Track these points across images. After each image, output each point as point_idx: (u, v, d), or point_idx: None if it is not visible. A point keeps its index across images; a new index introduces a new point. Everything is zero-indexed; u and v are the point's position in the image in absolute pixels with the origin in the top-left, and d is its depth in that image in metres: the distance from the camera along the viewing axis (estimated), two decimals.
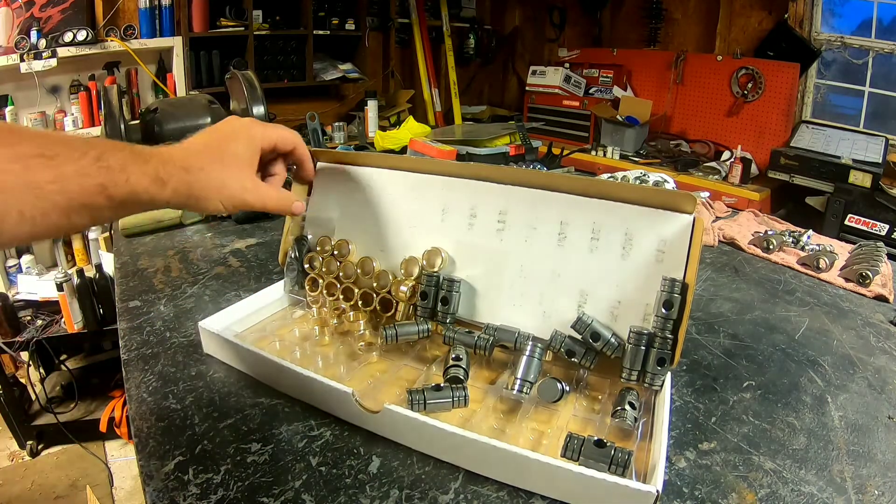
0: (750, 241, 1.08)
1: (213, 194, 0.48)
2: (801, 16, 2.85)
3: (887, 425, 0.57)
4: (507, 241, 0.61)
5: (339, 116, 3.41)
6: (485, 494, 0.45)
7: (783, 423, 0.56)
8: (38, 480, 1.90)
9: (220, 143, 0.50)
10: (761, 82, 2.92)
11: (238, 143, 0.51)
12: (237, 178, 0.50)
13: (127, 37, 2.43)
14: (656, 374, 0.52)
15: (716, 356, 0.68)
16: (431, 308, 0.62)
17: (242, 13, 2.84)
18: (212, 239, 1.01)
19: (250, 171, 0.52)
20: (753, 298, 0.85)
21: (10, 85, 2.30)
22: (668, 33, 3.46)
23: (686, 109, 3.29)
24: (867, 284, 0.90)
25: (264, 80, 2.94)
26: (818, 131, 2.82)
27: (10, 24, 2.26)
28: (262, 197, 0.52)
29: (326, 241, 0.70)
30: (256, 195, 0.52)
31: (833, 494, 0.46)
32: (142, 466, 0.47)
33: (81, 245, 2.64)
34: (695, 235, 0.53)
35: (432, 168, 0.66)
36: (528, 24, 4.22)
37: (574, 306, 0.58)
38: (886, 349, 0.72)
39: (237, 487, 0.44)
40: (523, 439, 0.50)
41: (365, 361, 0.61)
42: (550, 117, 3.48)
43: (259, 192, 0.52)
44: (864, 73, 2.79)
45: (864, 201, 2.47)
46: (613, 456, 0.43)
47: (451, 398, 0.50)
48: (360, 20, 3.36)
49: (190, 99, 1.65)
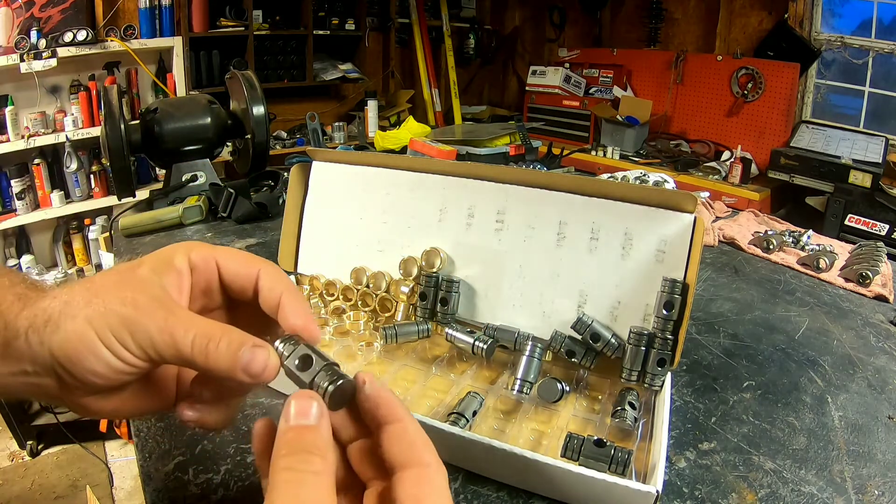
0: (750, 241, 1.08)
1: (77, 324, 0.28)
2: (801, 16, 2.85)
3: (887, 425, 0.57)
4: (506, 241, 0.61)
5: (339, 116, 3.41)
6: (485, 494, 0.45)
7: (783, 423, 0.56)
8: (38, 480, 1.90)
9: (121, 267, 0.32)
10: (761, 82, 2.92)
11: (142, 266, 0.32)
12: (118, 298, 0.29)
13: (127, 37, 2.43)
14: (656, 374, 0.52)
15: (716, 356, 0.68)
16: (431, 308, 0.62)
17: (242, 13, 2.84)
18: (212, 239, 1.01)
19: (153, 296, 0.30)
20: (753, 298, 0.85)
21: (10, 85, 2.30)
22: (668, 33, 3.46)
23: (686, 109, 3.29)
24: (867, 284, 0.90)
25: (264, 80, 2.94)
26: (818, 131, 2.82)
27: (10, 24, 2.26)
28: (171, 329, 0.29)
29: (317, 284, 0.69)
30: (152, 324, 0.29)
31: (833, 494, 0.46)
32: (142, 466, 0.47)
33: (81, 245, 2.64)
34: (695, 235, 0.53)
35: (430, 167, 0.66)
36: (528, 24, 4.22)
37: (574, 306, 0.58)
38: (886, 349, 0.72)
39: (237, 487, 0.44)
40: (523, 439, 0.50)
41: (365, 361, 0.61)
42: (550, 117, 3.48)
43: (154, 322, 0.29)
44: (864, 73, 2.79)
45: (864, 201, 2.47)
46: (613, 456, 0.43)
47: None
48: (360, 20, 3.36)
49: (190, 99, 1.65)
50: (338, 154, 0.71)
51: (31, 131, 2.33)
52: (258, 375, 0.30)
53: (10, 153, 2.31)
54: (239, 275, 0.34)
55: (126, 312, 0.29)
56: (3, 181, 2.38)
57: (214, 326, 0.30)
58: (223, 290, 0.35)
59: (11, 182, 2.36)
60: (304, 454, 0.27)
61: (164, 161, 1.18)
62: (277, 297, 0.33)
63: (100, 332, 0.28)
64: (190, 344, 0.29)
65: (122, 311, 0.29)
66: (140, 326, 0.29)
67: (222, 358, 0.29)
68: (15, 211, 2.41)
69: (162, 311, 0.29)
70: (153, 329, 0.29)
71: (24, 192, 2.39)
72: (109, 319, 0.28)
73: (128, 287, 0.30)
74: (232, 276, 0.34)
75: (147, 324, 0.29)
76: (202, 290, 0.34)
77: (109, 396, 0.31)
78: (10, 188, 2.37)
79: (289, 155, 1.63)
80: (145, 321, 0.29)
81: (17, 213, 2.41)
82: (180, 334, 0.29)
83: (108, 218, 2.55)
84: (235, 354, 0.29)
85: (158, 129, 1.12)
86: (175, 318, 0.29)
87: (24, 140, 2.30)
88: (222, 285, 0.35)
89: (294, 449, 0.27)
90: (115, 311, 0.29)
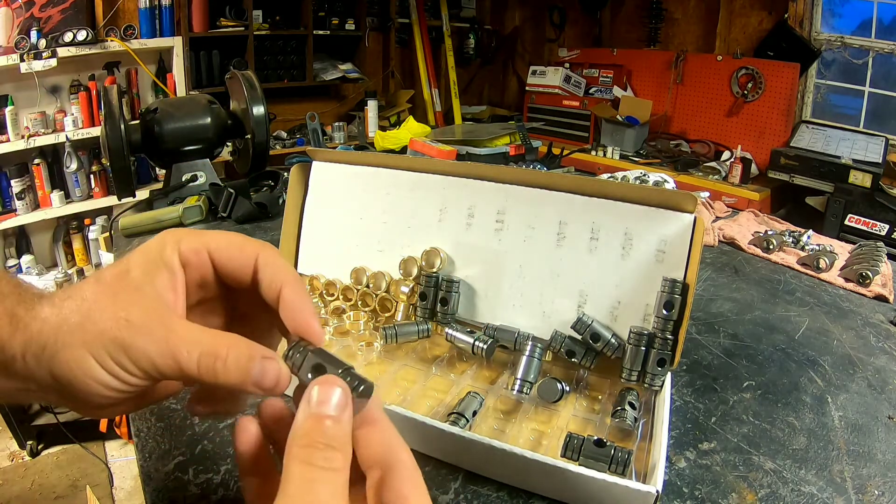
0: (750, 241, 1.08)
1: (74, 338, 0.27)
2: (801, 16, 2.85)
3: (887, 425, 0.57)
4: (506, 241, 0.61)
5: (339, 116, 3.41)
6: (485, 494, 0.45)
7: (783, 423, 0.56)
8: (38, 480, 1.90)
9: (110, 273, 0.30)
10: (761, 82, 2.92)
11: (133, 270, 0.30)
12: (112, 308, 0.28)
13: (127, 37, 2.43)
14: (656, 374, 0.52)
15: (716, 356, 0.68)
16: (431, 309, 0.62)
17: (242, 13, 2.84)
18: None
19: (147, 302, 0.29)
20: (753, 298, 0.85)
21: (10, 85, 2.30)
22: (668, 33, 3.46)
23: (686, 109, 3.29)
24: (867, 284, 0.90)
25: (264, 80, 2.94)
26: (818, 131, 2.82)
27: (10, 24, 2.26)
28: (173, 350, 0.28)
29: (317, 284, 0.69)
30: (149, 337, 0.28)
31: (833, 494, 0.46)
32: (142, 466, 0.47)
33: (81, 245, 2.64)
34: (695, 235, 0.53)
35: (430, 167, 0.66)
36: (528, 24, 4.22)
37: (574, 306, 0.58)
38: (886, 349, 0.72)
39: (237, 487, 0.44)
40: (523, 439, 0.50)
41: (365, 361, 0.61)
42: (550, 117, 3.48)
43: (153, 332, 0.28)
44: (864, 73, 2.79)
45: (864, 201, 2.47)
46: (613, 456, 0.43)
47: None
48: (360, 20, 3.36)
49: (190, 99, 1.65)
50: (338, 154, 0.71)
51: (31, 131, 2.33)
52: (271, 389, 0.29)
53: (10, 153, 2.31)
54: (234, 264, 0.32)
55: (122, 336, 0.28)
56: (3, 181, 2.38)
57: (219, 341, 0.29)
58: (218, 279, 0.33)
59: (11, 182, 2.36)
60: (326, 449, 0.26)
61: (164, 161, 1.18)
62: (277, 290, 0.31)
63: (98, 358, 0.27)
64: (196, 364, 0.28)
65: (117, 335, 0.27)
66: (138, 350, 0.28)
67: (232, 374, 0.28)
68: (15, 211, 2.41)
69: (161, 329, 0.28)
70: (153, 352, 0.28)
71: (24, 192, 2.39)
72: (106, 344, 0.27)
73: (120, 301, 0.29)
74: (227, 267, 0.33)
75: (146, 346, 0.28)
76: (197, 284, 0.33)
77: (116, 404, 0.31)
78: (10, 188, 2.37)
79: (289, 155, 1.63)
80: (143, 343, 0.28)
81: (17, 213, 2.41)
82: (184, 356, 0.28)
83: (108, 218, 2.55)
84: (245, 369, 0.28)
85: (158, 129, 1.12)
86: (175, 336, 0.28)
87: (24, 140, 2.30)
88: (217, 274, 0.33)
89: (314, 440, 0.26)
90: (110, 335, 0.27)
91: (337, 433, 0.26)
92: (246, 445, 0.30)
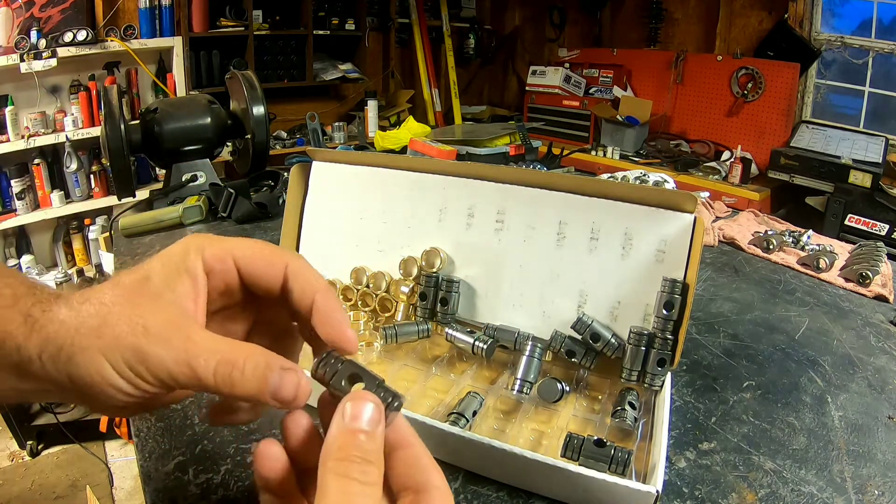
0: (750, 241, 1.08)
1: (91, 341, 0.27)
2: (801, 16, 2.85)
3: (887, 425, 0.57)
4: (506, 241, 0.61)
5: (339, 116, 3.41)
6: (485, 494, 0.45)
7: (783, 423, 0.56)
8: (38, 480, 1.90)
9: (129, 279, 0.30)
10: (761, 82, 2.92)
11: (153, 277, 0.30)
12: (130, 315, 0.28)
13: (127, 37, 2.43)
14: (656, 374, 0.52)
15: (716, 356, 0.68)
16: (431, 309, 0.62)
17: (242, 13, 2.84)
18: None
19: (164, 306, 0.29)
20: (753, 298, 0.85)
21: (10, 85, 2.30)
22: (668, 33, 3.46)
23: (686, 109, 3.29)
24: (867, 284, 0.90)
25: (264, 80, 2.94)
26: (818, 131, 2.82)
27: (10, 24, 2.26)
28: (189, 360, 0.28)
29: None
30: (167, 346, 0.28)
31: (833, 494, 0.46)
32: (142, 466, 0.47)
33: (81, 245, 2.65)
34: (695, 235, 0.53)
35: (430, 167, 0.66)
36: (528, 24, 4.22)
37: (574, 306, 0.58)
38: (886, 349, 0.72)
39: (237, 487, 0.44)
40: (523, 439, 0.50)
41: (365, 361, 0.60)
42: (550, 117, 3.48)
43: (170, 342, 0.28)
44: (864, 73, 2.79)
45: (864, 201, 2.47)
46: (613, 456, 0.43)
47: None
48: (360, 20, 3.37)
49: (190, 99, 1.65)
50: (338, 154, 0.71)
51: (31, 131, 2.33)
52: (289, 402, 0.28)
53: (10, 153, 2.31)
54: (263, 273, 0.32)
55: (139, 343, 0.27)
56: (3, 181, 2.38)
57: (237, 350, 0.28)
58: (242, 287, 0.33)
59: (11, 182, 2.36)
60: (363, 463, 0.26)
61: (164, 161, 1.18)
62: (310, 300, 0.31)
63: (115, 365, 0.27)
64: (212, 374, 0.28)
65: (134, 342, 0.27)
66: (155, 358, 0.27)
67: (248, 385, 0.28)
68: (15, 211, 2.41)
69: (178, 338, 0.28)
70: (169, 361, 0.27)
71: (24, 192, 2.39)
72: (123, 351, 0.27)
73: (139, 307, 0.28)
74: (254, 276, 0.32)
75: (162, 355, 0.27)
76: (220, 291, 0.32)
77: (132, 406, 0.31)
78: (10, 188, 2.38)
79: (289, 155, 1.63)
80: (160, 352, 0.27)
81: (17, 213, 2.41)
82: (201, 365, 0.28)
83: (108, 218, 2.55)
84: (262, 379, 0.28)
85: (158, 129, 1.12)
86: (193, 344, 0.28)
87: (24, 140, 2.30)
88: (242, 283, 0.33)
89: (349, 454, 0.26)
90: (127, 342, 0.27)
91: (371, 447, 0.26)
92: (271, 472, 0.29)
